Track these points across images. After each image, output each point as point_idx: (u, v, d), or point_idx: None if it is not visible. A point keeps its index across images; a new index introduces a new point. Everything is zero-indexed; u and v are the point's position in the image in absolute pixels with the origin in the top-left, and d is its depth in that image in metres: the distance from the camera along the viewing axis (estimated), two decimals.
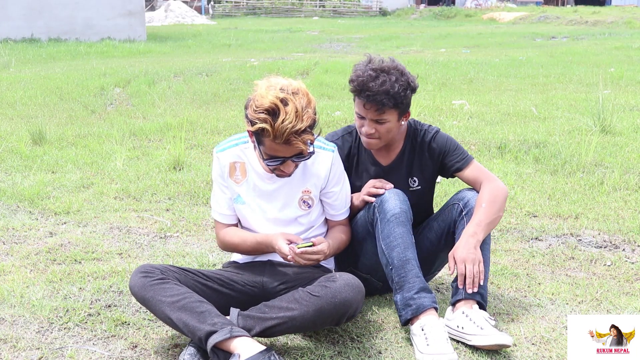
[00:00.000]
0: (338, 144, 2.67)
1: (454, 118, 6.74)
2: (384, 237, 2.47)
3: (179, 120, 6.54)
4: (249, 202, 2.50)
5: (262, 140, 2.26)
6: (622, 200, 4.13)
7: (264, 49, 16.79)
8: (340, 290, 2.22)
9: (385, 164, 2.71)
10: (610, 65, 11.52)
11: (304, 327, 2.29)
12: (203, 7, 40.89)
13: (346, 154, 2.70)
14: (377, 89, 2.45)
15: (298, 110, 2.19)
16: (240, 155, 2.48)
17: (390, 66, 2.52)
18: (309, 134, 2.25)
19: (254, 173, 2.48)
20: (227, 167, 2.49)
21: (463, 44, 18.03)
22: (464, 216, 2.56)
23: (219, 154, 2.50)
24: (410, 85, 2.52)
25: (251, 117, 2.23)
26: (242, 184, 2.49)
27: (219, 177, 2.52)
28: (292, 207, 2.49)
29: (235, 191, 2.50)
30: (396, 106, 2.49)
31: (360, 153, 2.72)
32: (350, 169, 2.71)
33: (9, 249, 3.35)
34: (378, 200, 2.52)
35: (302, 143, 2.23)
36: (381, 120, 2.52)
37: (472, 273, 2.43)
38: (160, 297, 2.24)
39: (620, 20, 27.06)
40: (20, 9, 18.52)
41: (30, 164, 5.00)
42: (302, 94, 2.23)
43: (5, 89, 8.97)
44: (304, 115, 2.21)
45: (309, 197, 2.50)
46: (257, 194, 2.49)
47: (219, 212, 2.56)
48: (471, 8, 40.32)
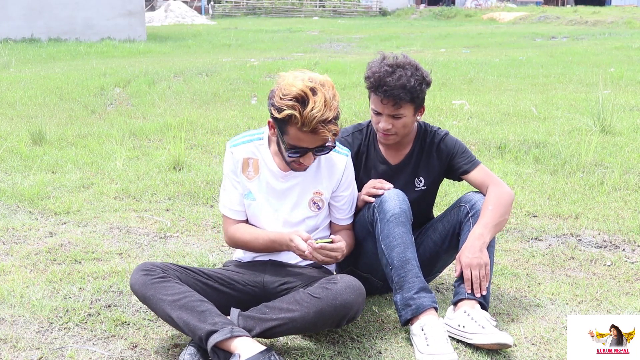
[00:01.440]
0: (348, 140, 2.71)
1: (454, 118, 6.74)
2: (384, 237, 2.47)
3: (179, 120, 6.54)
4: (259, 199, 2.48)
5: (287, 129, 2.26)
6: (622, 200, 4.13)
7: (264, 49, 16.79)
8: (341, 293, 2.21)
9: (393, 163, 2.73)
10: (610, 65, 11.53)
11: (304, 329, 2.29)
12: (203, 7, 40.89)
13: (355, 152, 2.72)
14: (394, 84, 2.48)
15: (327, 100, 2.21)
16: (254, 152, 2.47)
17: (405, 62, 2.55)
18: (335, 124, 2.26)
19: (267, 170, 2.47)
20: (240, 163, 2.48)
21: (463, 44, 18.04)
22: (470, 218, 2.57)
23: (233, 149, 2.49)
24: (425, 79, 2.55)
25: (279, 105, 2.23)
26: (254, 180, 2.48)
27: (231, 172, 2.49)
28: (302, 207, 2.49)
29: (246, 187, 2.49)
30: (412, 100, 2.52)
31: (370, 151, 2.74)
32: (359, 166, 2.73)
33: (9, 249, 3.35)
34: (378, 201, 2.53)
35: (329, 132, 2.24)
36: (398, 115, 2.55)
37: (477, 278, 2.45)
38: (161, 296, 2.24)
39: (620, 20, 27.06)
40: (20, 9, 18.52)
41: (30, 164, 5.00)
42: (329, 86, 2.26)
43: (5, 89, 8.97)
44: (332, 105, 2.22)
45: (320, 198, 2.50)
46: (268, 192, 2.48)
47: (230, 207, 2.53)
48: (471, 8, 40.33)
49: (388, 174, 2.70)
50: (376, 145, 2.74)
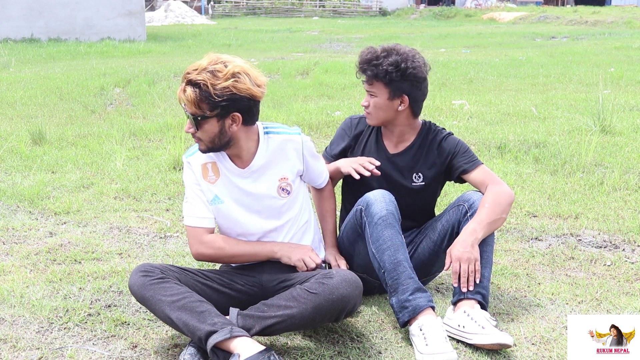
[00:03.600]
0: (354, 122, 2.84)
1: (454, 118, 6.74)
2: (374, 241, 2.47)
3: (179, 120, 6.54)
4: (227, 200, 2.45)
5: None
6: (622, 200, 4.13)
7: (264, 49, 16.79)
8: (338, 287, 2.21)
9: (392, 152, 2.75)
10: (610, 65, 11.53)
11: (303, 325, 2.28)
12: (203, 7, 40.89)
13: (356, 134, 2.81)
14: (364, 58, 2.61)
15: (206, 67, 2.21)
16: (210, 156, 2.44)
17: (395, 48, 2.62)
18: (192, 91, 2.24)
19: (226, 170, 2.45)
20: (199, 170, 2.45)
21: (463, 44, 18.04)
22: (469, 217, 2.57)
23: (189, 159, 2.46)
24: (402, 69, 2.57)
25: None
26: (217, 183, 2.44)
27: (193, 184, 2.45)
28: (271, 196, 2.46)
29: (212, 192, 2.45)
30: (382, 80, 2.59)
31: (371, 137, 2.80)
32: (356, 147, 2.80)
33: (9, 249, 3.35)
34: (364, 204, 2.53)
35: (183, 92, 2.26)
36: (371, 92, 2.65)
37: (466, 272, 2.45)
38: (160, 297, 2.24)
39: (620, 20, 27.06)
40: (20, 9, 18.52)
41: (30, 164, 5.00)
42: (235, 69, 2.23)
43: (5, 89, 8.97)
44: (206, 72, 2.21)
45: (287, 183, 2.48)
46: (234, 190, 2.45)
47: (200, 216, 2.45)
48: (471, 8, 40.32)
49: (385, 162, 2.73)
50: (379, 134, 2.79)
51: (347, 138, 2.81)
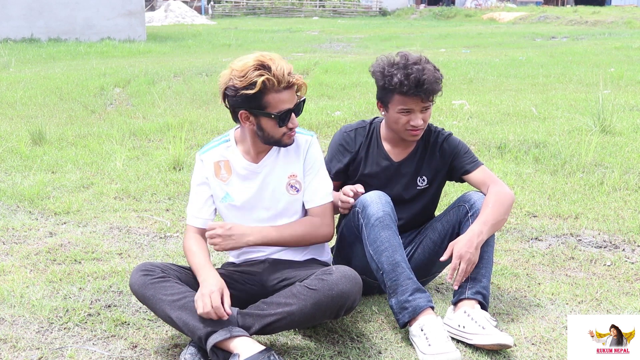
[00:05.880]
0: (351, 135, 2.75)
1: (454, 118, 6.74)
2: (371, 243, 2.47)
3: (179, 120, 6.54)
4: (237, 197, 2.47)
5: (265, 100, 2.27)
6: (622, 200, 4.13)
7: (264, 49, 16.54)
8: (337, 283, 2.21)
9: (396, 160, 2.74)
10: (610, 65, 11.52)
11: (303, 322, 2.28)
12: (203, 7, 40.88)
13: (357, 147, 2.75)
14: (420, 79, 2.55)
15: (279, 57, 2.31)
16: (223, 154, 2.48)
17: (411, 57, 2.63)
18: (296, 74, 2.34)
19: (239, 168, 2.47)
20: (211, 167, 2.48)
21: (463, 44, 18.04)
22: (470, 217, 2.56)
23: (202, 156, 2.50)
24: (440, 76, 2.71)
25: (245, 83, 2.25)
26: (229, 181, 2.47)
27: (198, 182, 2.49)
28: (281, 193, 2.47)
29: (223, 190, 2.48)
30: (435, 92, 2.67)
31: (372, 147, 2.76)
32: (360, 160, 2.75)
33: (9, 249, 3.35)
34: (360, 205, 2.52)
35: (300, 80, 2.32)
36: (427, 107, 2.65)
37: (463, 271, 2.45)
38: (160, 296, 2.24)
39: (620, 20, 27.06)
40: (20, 9, 18.52)
41: (30, 164, 5.00)
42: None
43: (5, 89, 8.97)
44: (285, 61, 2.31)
45: (296, 180, 2.49)
46: (245, 188, 2.47)
47: (194, 215, 2.50)
48: (471, 8, 40.32)
49: (390, 171, 2.72)
50: (379, 142, 2.76)
51: (348, 154, 2.75)
